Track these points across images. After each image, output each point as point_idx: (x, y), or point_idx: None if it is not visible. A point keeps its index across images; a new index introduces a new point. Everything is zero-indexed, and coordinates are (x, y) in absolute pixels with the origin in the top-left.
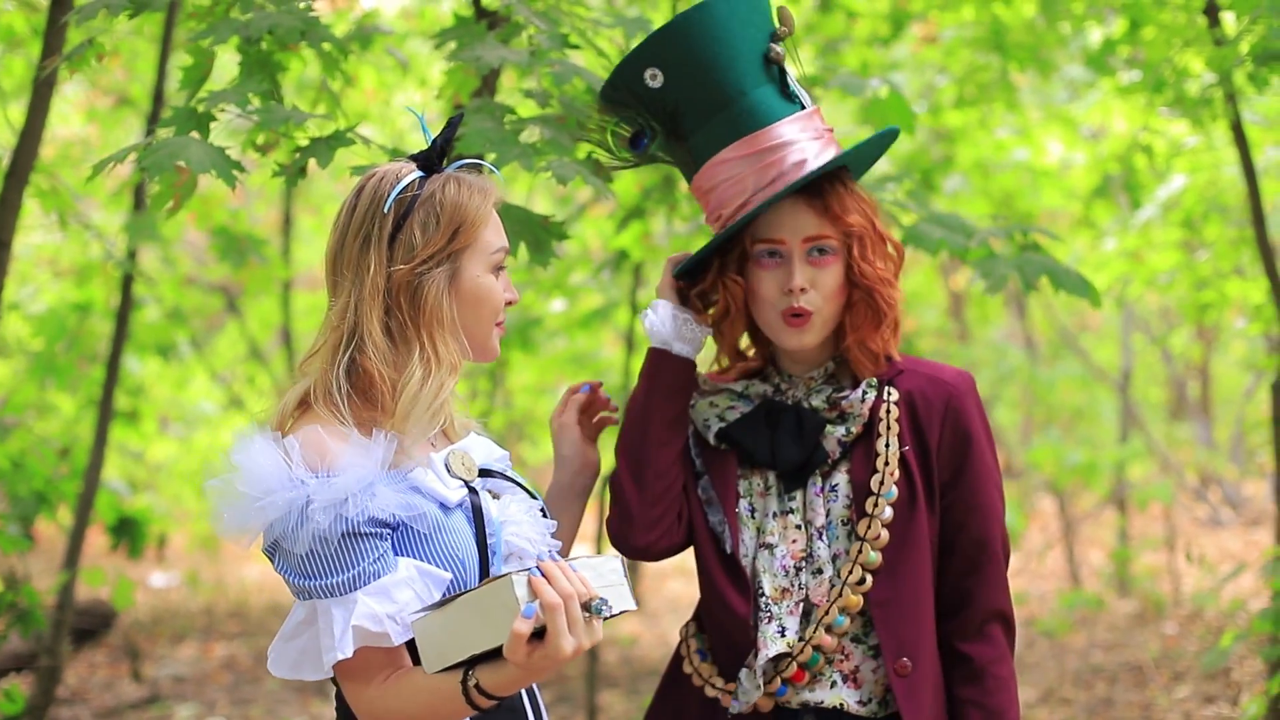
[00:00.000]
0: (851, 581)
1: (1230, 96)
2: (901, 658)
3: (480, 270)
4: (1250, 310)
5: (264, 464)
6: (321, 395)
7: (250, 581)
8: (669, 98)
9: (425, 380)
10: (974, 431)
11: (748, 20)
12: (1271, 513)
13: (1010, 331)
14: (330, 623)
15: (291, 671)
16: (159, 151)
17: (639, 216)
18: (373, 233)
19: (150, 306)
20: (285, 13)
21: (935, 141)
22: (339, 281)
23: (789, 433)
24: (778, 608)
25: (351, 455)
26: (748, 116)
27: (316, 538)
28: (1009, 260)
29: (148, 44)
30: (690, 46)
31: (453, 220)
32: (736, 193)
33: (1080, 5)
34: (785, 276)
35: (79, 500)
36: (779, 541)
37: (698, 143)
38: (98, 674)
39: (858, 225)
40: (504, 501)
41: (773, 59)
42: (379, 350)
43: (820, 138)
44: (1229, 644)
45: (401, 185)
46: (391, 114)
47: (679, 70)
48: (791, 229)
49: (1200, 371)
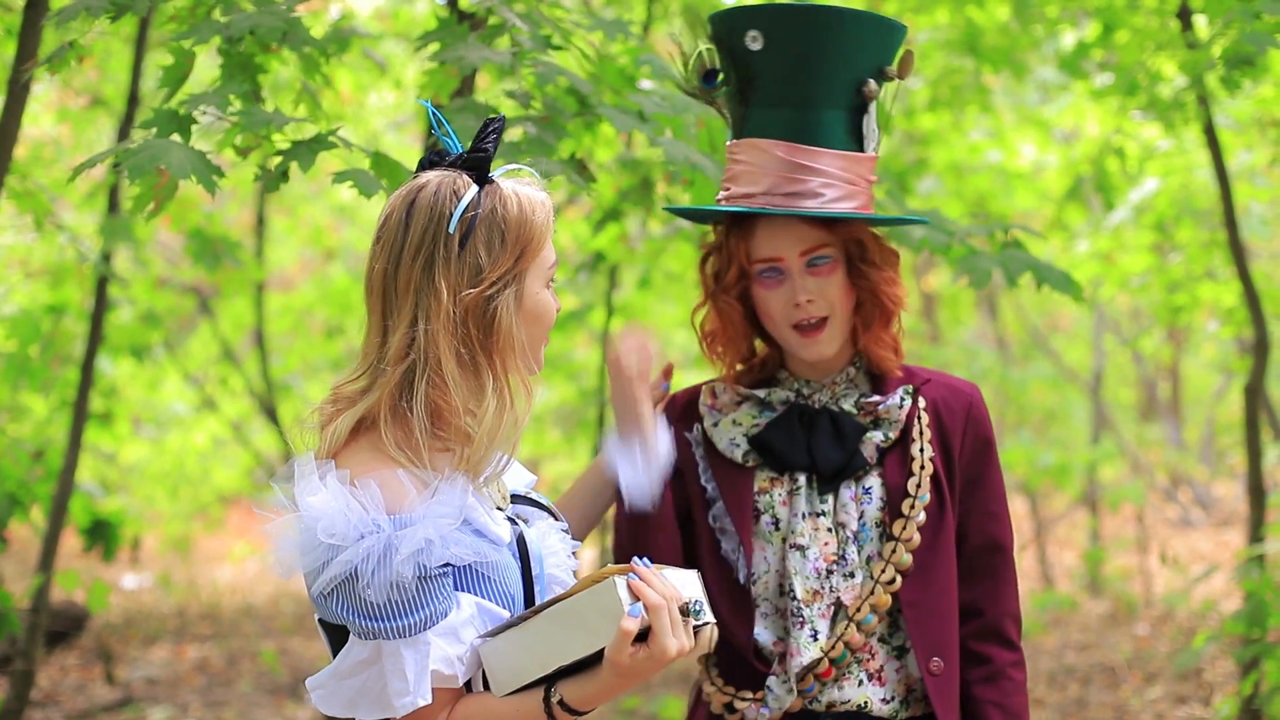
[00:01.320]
0: (884, 581)
1: (1202, 100)
2: (933, 658)
3: (539, 285)
4: (1222, 313)
5: (338, 506)
6: (393, 427)
7: (222, 583)
8: (755, 65)
9: (501, 413)
10: (991, 439)
11: (868, 46)
12: (1242, 513)
13: (981, 333)
14: (401, 665)
15: (345, 710)
16: (140, 154)
17: (615, 219)
18: (436, 254)
19: (124, 308)
20: (267, 13)
21: (909, 144)
22: (392, 306)
23: (826, 435)
24: (809, 610)
25: (434, 499)
26: (806, 129)
27: (394, 584)
28: (992, 257)
29: (121, 44)
30: (803, 36)
31: (519, 239)
32: (750, 181)
33: (1054, 9)
34: (790, 292)
35: (53, 502)
36: (810, 543)
37: (753, 117)
38: (69, 677)
39: (854, 230)
40: (539, 530)
41: (865, 93)
42: (455, 383)
43: (855, 183)
44: (1202, 645)
45: (464, 202)
46: (365, 115)
47: (779, 49)
48: (788, 244)
49: (1170, 372)
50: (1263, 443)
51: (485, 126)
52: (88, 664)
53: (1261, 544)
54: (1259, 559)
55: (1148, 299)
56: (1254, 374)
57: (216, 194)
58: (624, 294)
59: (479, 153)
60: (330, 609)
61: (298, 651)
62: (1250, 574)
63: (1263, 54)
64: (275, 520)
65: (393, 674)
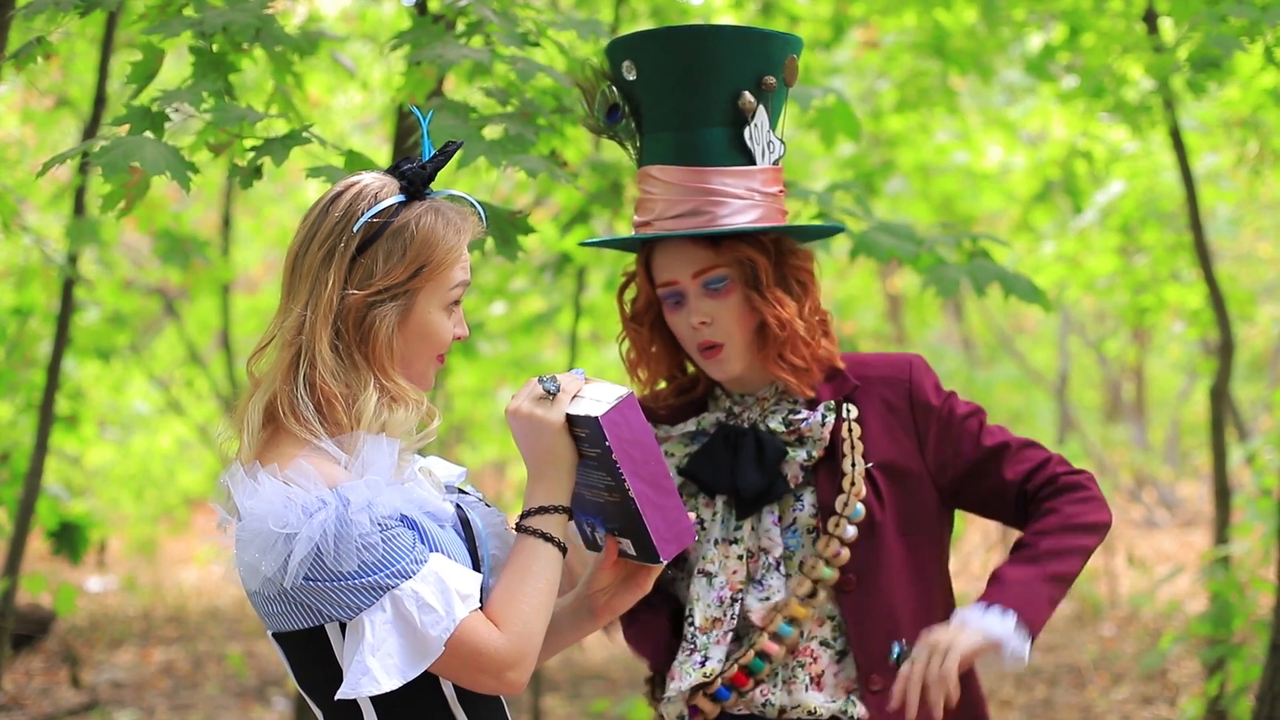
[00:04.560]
0: (800, 593)
1: (1168, 103)
2: (872, 674)
3: (434, 307)
4: (1188, 315)
5: (279, 498)
6: (289, 411)
7: (188, 586)
8: (636, 94)
9: (383, 408)
10: (940, 401)
11: (739, 59)
12: (1206, 514)
13: (947, 334)
14: (424, 599)
15: (399, 676)
16: (113, 151)
17: (583, 221)
18: (337, 248)
19: (90, 310)
20: (240, 10)
21: (876, 146)
22: (295, 287)
23: (749, 459)
24: (705, 638)
25: (362, 458)
26: (687, 150)
27: (362, 543)
28: (960, 267)
29: (87, 45)
30: (668, 60)
31: (419, 257)
32: (647, 209)
33: (1021, 11)
34: (688, 314)
35: (19, 506)
36: (718, 571)
37: (646, 145)
38: (35, 680)
39: (746, 254)
40: (480, 514)
41: (741, 106)
42: (328, 368)
43: (748, 198)
44: (1168, 646)
45: (378, 208)
46: (332, 117)
47: (650, 75)
48: (681, 267)
49: (1135, 374)
50: (1227, 444)
51: (445, 147)
52: (53, 667)
53: (1227, 545)
54: (1224, 560)
55: (1113, 301)
56: (1219, 376)
57: (183, 194)
58: (590, 296)
59: (420, 168)
60: (304, 602)
61: (264, 654)
62: (1216, 575)
63: (1229, 57)
64: (227, 534)
65: (420, 610)
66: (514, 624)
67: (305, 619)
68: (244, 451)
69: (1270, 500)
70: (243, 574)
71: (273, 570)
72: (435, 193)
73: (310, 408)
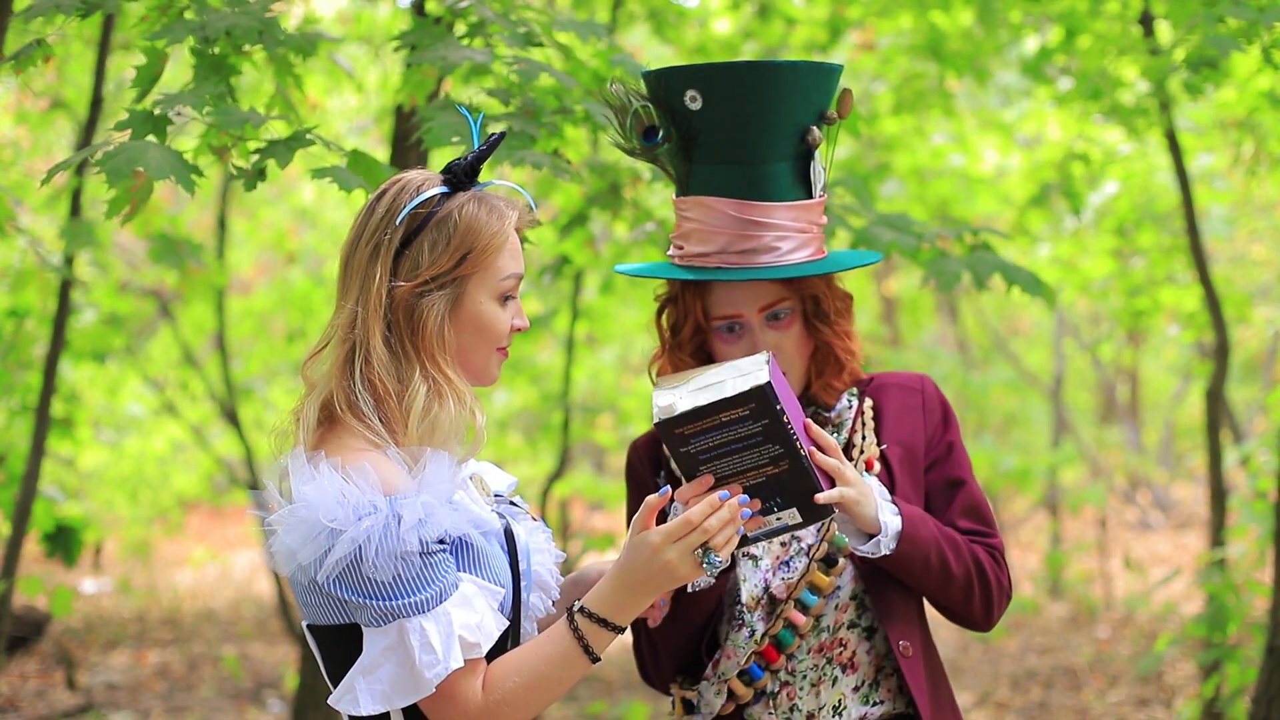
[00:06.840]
0: (818, 558)
1: (1164, 105)
2: (901, 640)
3: (486, 297)
4: (1183, 317)
5: (335, 492)
6: (347, 407)
7: (183, 588)
8: (696, 123)
9: (433, 401)
10: (949, 411)
11: (807, 94)
12: (1200, 516)
13: (942, 336)
14: (427, 638)
15: (382, 703)
16: (117, 156)
17: (582, 223)
18: (383, 242)
19: (85, 312)
20: (242, 13)
21: (872, 149)
22: (347, 285)
23: None
24: (751, 615)
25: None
26: (754, 185)
27: (400, 559)
28: (961, 260)
29: (82, 47)
30: (741, 94)
31: (463, 244)
32: (702, 240)
33: (1017, 14)
34: (750, 345)
35: (16, 508)
36: (763, 554)
37: (699, 174)
38: (30, 682)
39: (811, 285)
40: (525, 528)
41: (808, 141)
42: (381, 363)
43: (808, 231)
44: (1164, 648)
45: (420, 199)
46: (329, 120)
47: (719, 108)
48: (747, 301)
49: (1130, 376)
50: (1222, 446)
51: (490, 138)
52: (48, 669)
53: (1222, 547)
54: (1220, 562)
55: (1108, 304)
56: (1214, 378)
57: (178, 197)
58: (587, 299)
59: (462, 160)
60: (337, 599)
61: (259, 656)
62: (1211, 577)
63: (1226, 57)
64: (271, 516)
65: (420, 648)
66: (499, 695)
67: (341, 615)
68: (304, 442)
69: (1265, 502)
70: (277, 556)
71: (308, 560)
72: (482, 184)
73: (370, 404)
